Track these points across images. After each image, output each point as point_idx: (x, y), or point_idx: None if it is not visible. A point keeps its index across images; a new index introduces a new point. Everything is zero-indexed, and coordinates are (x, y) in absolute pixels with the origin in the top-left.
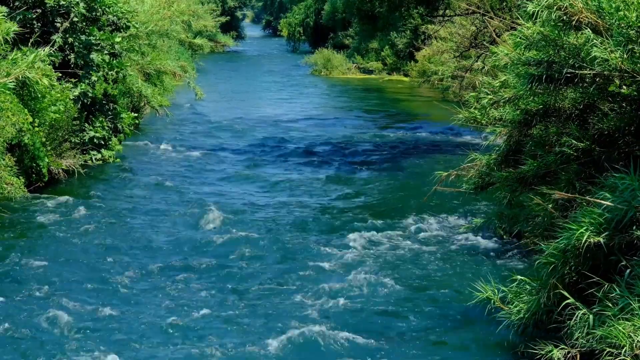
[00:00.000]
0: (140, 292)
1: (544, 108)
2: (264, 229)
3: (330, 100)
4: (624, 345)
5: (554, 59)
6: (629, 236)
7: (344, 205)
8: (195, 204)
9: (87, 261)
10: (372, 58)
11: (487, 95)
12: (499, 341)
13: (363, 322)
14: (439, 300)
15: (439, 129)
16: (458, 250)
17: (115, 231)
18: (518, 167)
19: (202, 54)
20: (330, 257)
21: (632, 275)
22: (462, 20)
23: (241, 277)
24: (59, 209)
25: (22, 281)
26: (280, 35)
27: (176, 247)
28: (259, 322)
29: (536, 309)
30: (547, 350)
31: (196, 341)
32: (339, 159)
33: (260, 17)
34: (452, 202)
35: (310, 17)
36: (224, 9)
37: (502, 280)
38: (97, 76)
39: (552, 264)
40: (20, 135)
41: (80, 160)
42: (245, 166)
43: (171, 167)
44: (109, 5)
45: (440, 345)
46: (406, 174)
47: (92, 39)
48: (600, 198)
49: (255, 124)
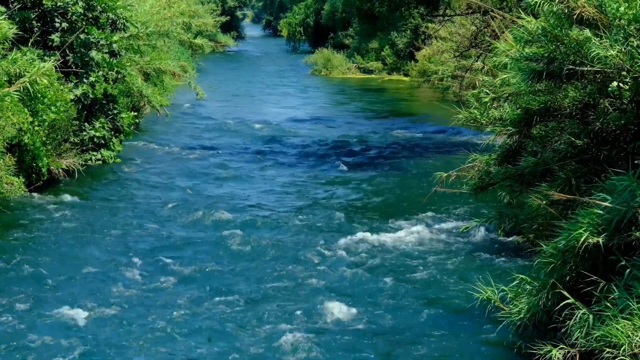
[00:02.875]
0: (140, 292)
1: (544, 106)
2: (264, 228)
3: (330, 100)
4: (623, 345)
5: (554, 55)
6: (628, 236)
7: (343, 205)
8: (195, 203)
9: (87, 261)
10: (372, 58)
11: (487, 94)
12: (498, 341)
13: (362, 322)
14: (438, 300)
15: (439, 129)
16: (458, 250)
17: (115, 231)
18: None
19: (202, 54)
20: (329, 256)
21: (631, 276)
22: (462, 20)
23: (241, 276)
24: (59, 208)
25: (22, 281)
26: (280, 35)
27: (176, 247)
28: (260, 322)
29: (536, 309)
30: (547, 350)
31: (196, 341)
32: (339, 159)
33: (260, 17)
34: (452, 202)
35: (310, 17)
36: (224, 8)
37: (502, 280)
38: (96, 76)
39: (551, 264)
40: (21, 135)
41: (80, 160)
42: (245, 166)
43: (171, 167)
44: (108, 4)
45: (440, 345)
46: (406, 174)
47: (90, 37)
48: (599, 199)
49: (255, 124)
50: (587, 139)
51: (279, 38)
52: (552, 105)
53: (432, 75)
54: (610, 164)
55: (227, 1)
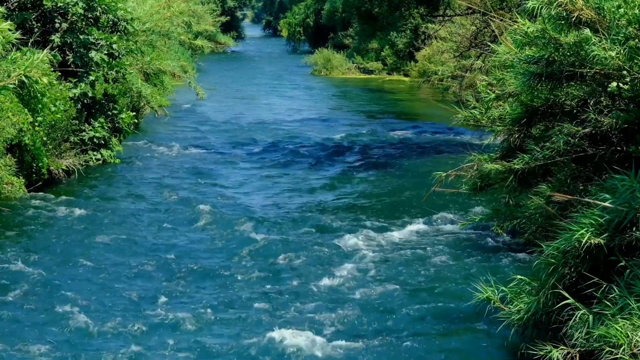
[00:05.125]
0: (141, 292)
1: (545, 105)
2: (264, 228)
3: (330, 100)
4: (623, 345)
5: (553, 56)
6: (629, 237)
7: (343, 204)
8: (195, 203)
9: (87, 261)
10: (372, 58)
11: (488, 94)
12: (498, 341)
13: (362, 322)
14: (438, 300)
15: (439, 129)
16: (457, 250)
17: (115, 231)
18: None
19: (202, 54)
20: (329, 256)
21: (632, 276)
22: (462, 20)
23: (241, 276)
24: (59, 208)
25: (22, 280)
26: (280, 35)
27: (176, 247)
28: (260, 321)
29: (536, 309)
30: (547, 350)
31: (196, 341)
32: (339, 158)
33: (260, 17)
34: (451, 202)
35: (310, 17)
36: (224, 9)
37: (501, 280)
38: (96, 75)
39: (552, 265)
40: (21, 135)
41: (80, 160)
42: (245, 166)
43: (171, 166)
44: (108, 4)
45: (439, 345)
46: (406, 174)
47: (90, 37)
48: (600, 199)
49: (254, 124)
50: (585, 139)
51: (279, 38)
52: (553, 103)
53: (432, 76)
54: (609, 165)
55: (227, 1)
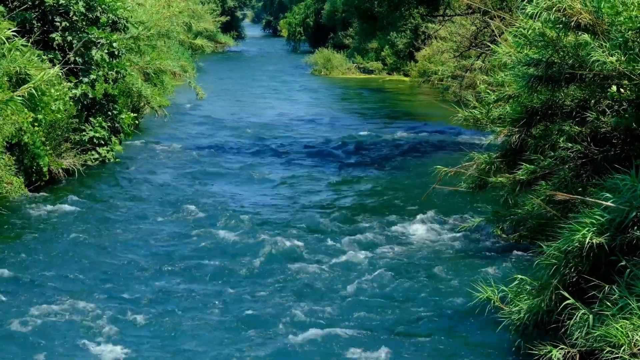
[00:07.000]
0: (141, 292)
1: (545, 105)
2: (264, 228)
3: (330, 100)
4: (623, 344)
5: (553, 59)
6: (630, 236)
7: (343, 204)
8: (195, 203)
9: (87, 261)
10: (372, 58)
11: (489, 94)
12: (498, 341)
13: (362, 322)
14: (438, 300)
15: (439, 129)
16: (457, 250)
17: (115, 231)
18: (517, 166)
19: (202, 54)
20: (328, 256)
21: (632, 276)
22: (462, 20)
23: (242, 276)
24: (59, 208)
25: (21, 280)
26: (280, 35)
27: (176, 247)
28: (260, 322)
29: (536, 309)
30: (547, 350)
31: (196, 341)
32: (339, 158)
33: (260, 17)
34: (451, 201)
35: (310, 17)
36: (224, 8)
37: (501, 280)
38: (96, 75)
39: (553, 265)
40: (20, 135)
41: (80, 160)
42: (245, 166)
43: (171, 167)
44: (108, 4)
45: (439, 345)
46: (405, 174)
47: (90, 36)
48: (602, 199)
49: (255, 124)
50: (586, 141)
51: (279, 38)
52: (553, 103)
53: (432, 76)
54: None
55: (227, 1)
